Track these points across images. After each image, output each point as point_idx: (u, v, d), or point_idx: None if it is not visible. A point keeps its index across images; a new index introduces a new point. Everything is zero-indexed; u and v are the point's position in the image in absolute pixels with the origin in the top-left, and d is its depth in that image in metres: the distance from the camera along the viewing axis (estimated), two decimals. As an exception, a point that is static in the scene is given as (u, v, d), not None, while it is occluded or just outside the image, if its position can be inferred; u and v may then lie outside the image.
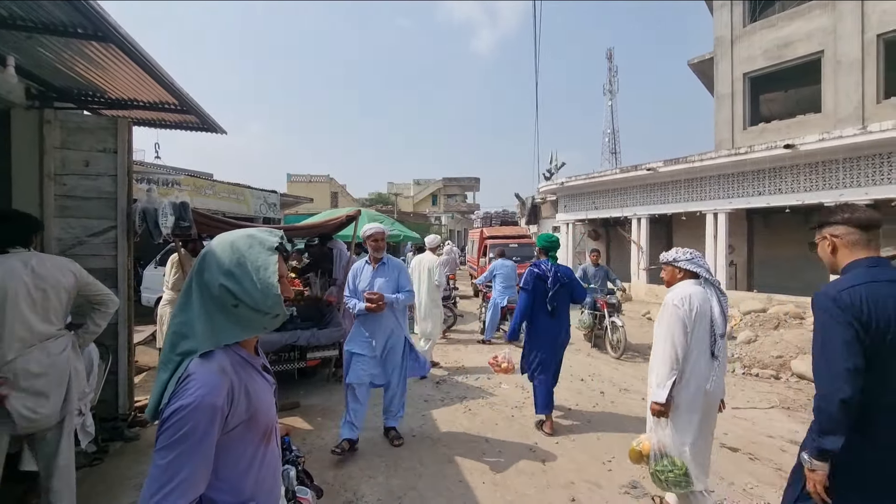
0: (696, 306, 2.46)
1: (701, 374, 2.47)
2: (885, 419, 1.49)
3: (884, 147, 8.15)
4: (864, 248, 1.65)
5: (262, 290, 1.07)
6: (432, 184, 46.54)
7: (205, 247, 1.14)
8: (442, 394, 4.95)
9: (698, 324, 2.46)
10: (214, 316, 1.06)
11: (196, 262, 1.09)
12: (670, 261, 2.67)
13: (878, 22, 10.71)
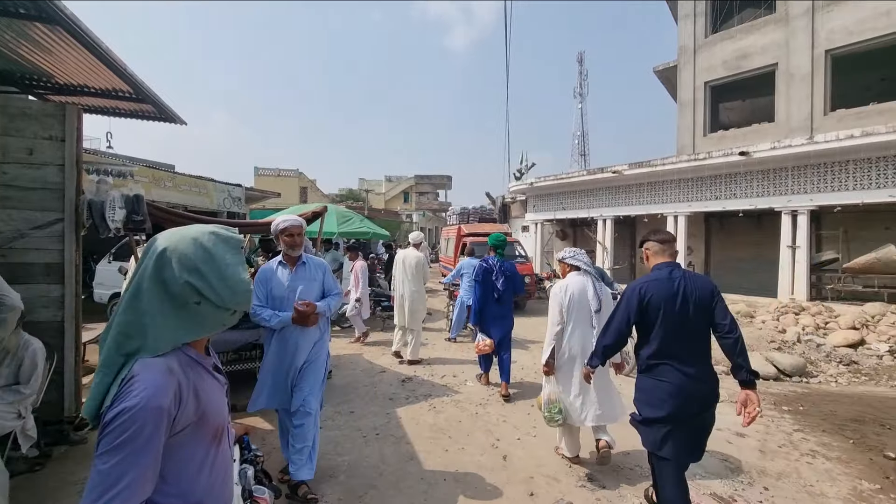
0: (573, 292, 3.32)
1: (580, 344, 3.30)
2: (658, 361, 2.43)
3: (828, 157, 8.67)
4: (661, 257, 2.54)
5: (230, 287, 1.07)
6: (404, 181, 46.29)
7: (148, 242, 1.11)
8: (407, 392, 4.95)
9: (575, 304, 3.30)
10: (171, 314, 1.03)
11: (150, 259, 1.05)
12: (560, 259, 3.55)
13: (826, 39, 11.38)
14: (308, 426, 2.87)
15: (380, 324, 8.49)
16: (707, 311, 2.37)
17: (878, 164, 8.14)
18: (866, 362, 6.06)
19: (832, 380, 5.69)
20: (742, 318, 7.70)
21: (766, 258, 10.06)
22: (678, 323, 2.35)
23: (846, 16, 11.06)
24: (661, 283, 2.41)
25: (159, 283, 1.03)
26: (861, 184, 8.34)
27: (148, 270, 1.04)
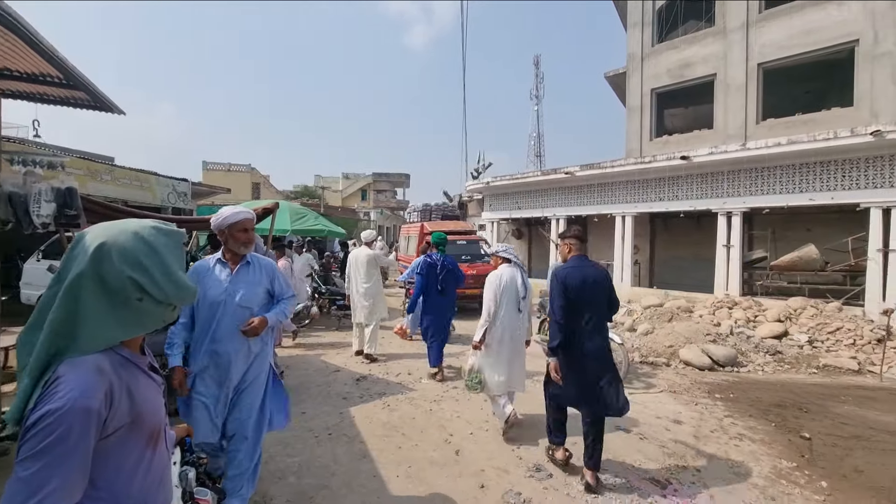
0: (505, 280, 3.85)
1: (507, 324, 3.83)
2: (576, 336, 3.14)
3: (758, 162, 9.36)
4: (577, 250, 3.33)
5: (175, 282, 1.05)
6: (362, 178, 45.69)
7: (77, 237, 1.06)
8: (361, 391, 4.93)
9: (506, 290, 3.83)
10: (108, 312, 1.00)
11: (83, 254, 1.01)
12: (493, 252, 4.17)
13: (758, 53, 12.26)
14: (244, 452, 2.45)
15: (335, 323, 8.37)
16: (605, 291, 3.22)
17: (800, 170, 8.87)
18: (789, 352, 6.62)
19: (759, 369, 6.17)
20: (682, 313, 8.19)
21: (704, 257, 10.73)
22: (586, 300, 3.15)
23: (776, 32, 11.97)
24: (575, 271, 3.19)
25: (96, 280, 0.99)
26: (786, 188, 9.07)
27: (82, 266, 0.99)
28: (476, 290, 8.11)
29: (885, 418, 4.42)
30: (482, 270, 9.15)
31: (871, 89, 10.50)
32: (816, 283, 9.28)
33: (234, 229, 2.47)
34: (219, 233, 2.51)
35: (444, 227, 11.51)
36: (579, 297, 3.11)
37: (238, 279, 2.48)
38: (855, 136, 7.95)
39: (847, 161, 8.31)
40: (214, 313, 2.40)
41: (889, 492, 3.13)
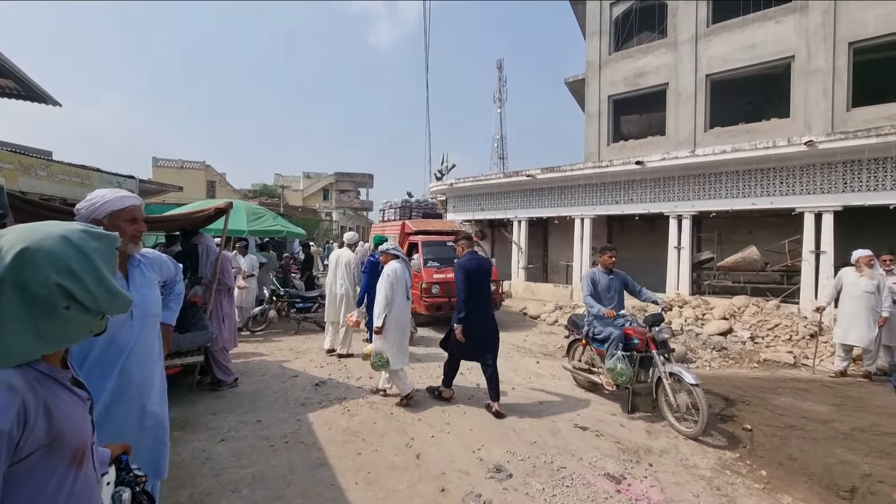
0: (397, 273, 4.59)
1: (398, 310, 4.56)
2: (475, 308, 4.41)
3: (706, 168, 9.88)
4: (469, 248, 4.62)
5: (108, 289, 0.98)
6: (324, 178, 44.81)
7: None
8: (320, 396, 4.81)
9: (397, 282, 4.56)
10: (28, 323, 0.91)
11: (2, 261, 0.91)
12: (383, 250, 4.82)
13: (706, 64, 12.95)
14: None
15: (294, 326, 8.16)
16: (488, 273, 4.57)
17: (743, 177, 9.43)
18: (733, 347, 7.01)
19: (707, 364, 6.50)
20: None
21: (657, 258, 11.21)
22: (480, 284, 4.45)
23: (722, 46, 12.69)
24: (472, 262, 4.50)
25: (16, 288, 0.90)
26: (731, 192, 9.62)
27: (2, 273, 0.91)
28: None
29: (817, 408, 4.75)
30: None
31: (805, 102, 11.31)
32: (758, 282, 9.89)
33: (118, 219, 1.90)
34: (94, 224, 1.82)
35: (428, 226, 10.33)
36: (476, 279, 4.43)
37: (135, 285, 2.00)
38: (791, 146, 8.54)
39: (784, 168, 8.91)
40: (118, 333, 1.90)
41: (820, 477, 3.37)
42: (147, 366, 2.00)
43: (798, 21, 11.45)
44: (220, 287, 5.03)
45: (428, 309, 8.16)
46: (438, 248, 8.98)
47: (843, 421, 4.40)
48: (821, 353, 6.58)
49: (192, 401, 4.53)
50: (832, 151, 8.23)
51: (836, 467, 3.48)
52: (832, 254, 8.29)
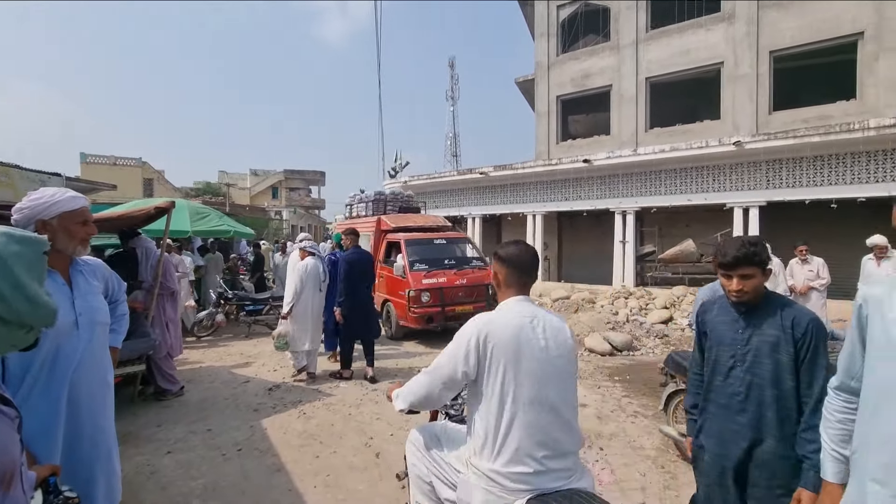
0: (310, 268, 5.12)
1: (309, 300, 5.11)
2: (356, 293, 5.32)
3: (647, 167, 10.45)
4: (354, 243, 5.50)
5: (28, 299, 0.90)
6: (272, 175, 43.18)
7: None
8: (274, 400, 4.67)
9: (310, 276, 5.12)
10: None
11: None
12: (301, 248, 5.27)
13: (646, 68, 13.66)
14: None
15: (245, 330, 7.85)
16: (369, 265, 5.59)
17: (681, 174, 10.07)
18: (673, 334, 7.49)
19: (650, 351, 6.89)
20: (586, 305, 8.89)
21: (604, 252, 11.75)
22: (360, 274, 5.29)
23: (660, 50, 13.43)
24: (355, 255, 5.32)
25: None
26: (670, 189, 10.24)
27: None
28: (469, 307, 6.91)
29: (746, 387, 5.18)
30: (474, 279, 7.28)
31: (733, 105, 12.21)
32: (694, 273, 10.60)
33: (69, 221, 1.78)
34: (40, 225, 1.73)
35: (409, 222, 8.55)
36: (357, 269, 5.25)
37: (79, 292, 1.83)
38: (721, 146, 9.21)
39: (716, 167, 9.59)
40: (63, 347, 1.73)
41: (750, 450, 3.68)
42: (97, 379, 1.85)
43: (726, 30, 12.33)
44: (164, 291, 4.76)
45: (417, 321, 6.84)
46: (426, 247, 7.64)
47: (768, 397, 4.83)
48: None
49: (133, 412, 4.26)
50: (756, 151, 8.96)
51: (763, 440, 3.81)
52: (758, 245, 9.02)
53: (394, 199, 10.08)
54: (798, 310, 1.68)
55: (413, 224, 8.47)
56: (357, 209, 10.32)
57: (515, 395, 1.51)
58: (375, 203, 9.68)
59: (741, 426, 1.69)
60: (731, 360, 1.73)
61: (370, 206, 9.73)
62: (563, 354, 1.61)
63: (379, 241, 8.26)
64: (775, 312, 1.67)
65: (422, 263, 7.25)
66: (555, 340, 1.60)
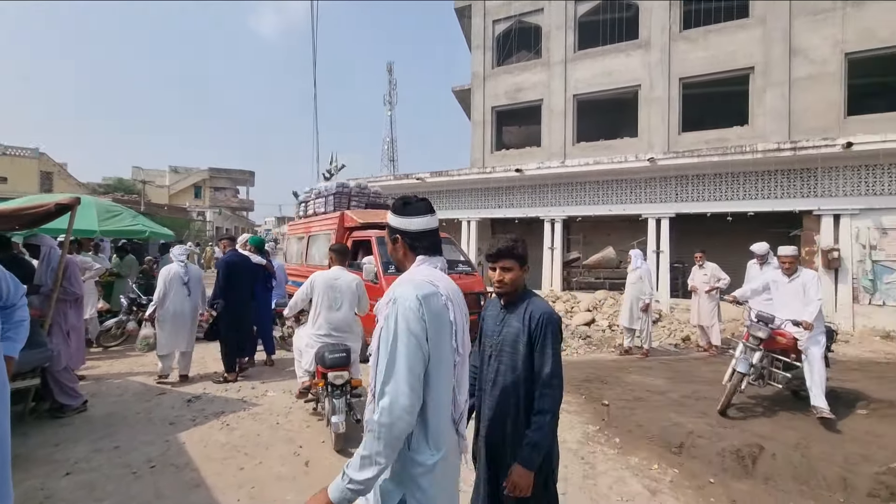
0: (171, 272, 5.24)
1: (175, 304, 5.21)
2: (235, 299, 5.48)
3: (574, 178, 11.13)
4: (230, 247, 5.85)
5: None
6: (195, 173, 40.37)
7: None
8: (194, 412, 4.39)
9: (170, 281, 5.22)
10: None
11: None
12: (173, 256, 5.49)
13: (573, 85, 14.54)
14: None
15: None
16: (250, 268, 5.68)
17: (603, 186, 10.83)
18: (595, 335, 8.01)
19: (574, 351, 7.33)
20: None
21: (534, 257, 12.26)
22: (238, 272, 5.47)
23: (586, 70, 14.37)
24: (233, 258, 5.53)
25: None
26: (594, 200, 10.97)
27: None
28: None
29: (656, 382, 5.68)
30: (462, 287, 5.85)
31: (649, 125, 13.35)
32: (614, 278, 11.41)
33: None
34: None
35: (381, 219, 6.69)
36: (235, 272, 5.39)
37: None
38: (637, 162, 10.04)
39: (633, 180, 10.43)
40: None
41: (659, 438, 4.04)
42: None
43: (643, 56, 13.48)
44: (67, 297, 4.31)
45: None
46: None
47: (675, 391, 5.33)
48: (659, 336, 7.83)
49: (24, 433, 3.79)
50: (667, 168, 9.87)
51: (669, 429, 4.21)
52: (668, 252, 9.93)
53: (360, 194, 8.62)
54: (537, 304, 1.87)
55: (385, 221, 7.41)
56: (315, 205, 8.84)
57: (323, 307, 4.04)
58: (338, 197, 8.29)
59: (492, 410, 1.90)
60: (489, 350, 1.94)
61: (331, 200, 8.32)
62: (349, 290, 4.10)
63: (342, 239, 7.16)
64: (522, 307, 1.87)
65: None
66: (346, 284, 4.11)
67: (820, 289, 4.51)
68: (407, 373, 1.28)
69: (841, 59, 11.17)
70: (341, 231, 7.39)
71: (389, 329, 1.33)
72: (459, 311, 1.47)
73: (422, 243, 1.53)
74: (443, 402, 1.39)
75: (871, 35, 10.94)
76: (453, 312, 1.42)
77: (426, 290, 1.38)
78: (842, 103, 11.14)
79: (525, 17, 15.55)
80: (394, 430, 1.26)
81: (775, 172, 9.16)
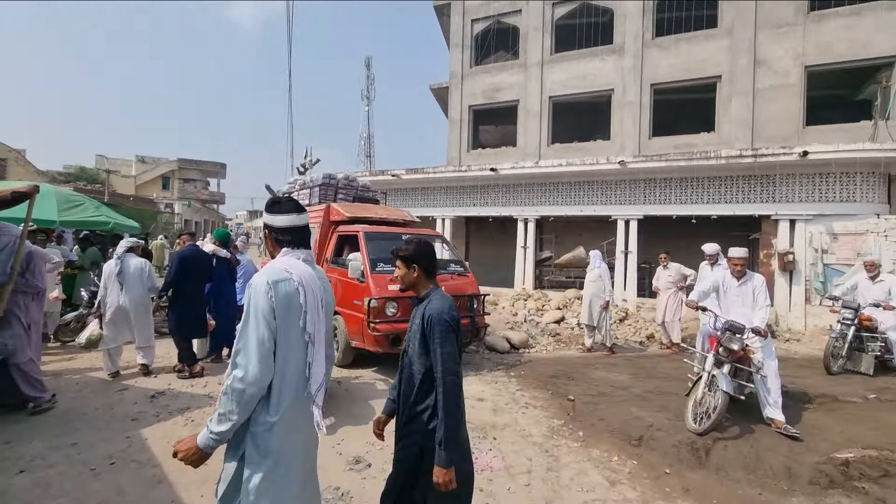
0: (110, 268, 5.17)
1: (116, 298, 5.09)
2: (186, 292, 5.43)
3: (547, 178, 11.32)
4: (190, 241, 5.82)
5: None
6: (164, 164, 38.99)
7: None
8: (158, 408, 4.30)
9: (109, 277, 5.18)
10: None
11: None
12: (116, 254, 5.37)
13: (549, 87, 14.77)
14: None
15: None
16: (205, 262, 5.55)
17: (575, 187, 11.07)
18: (565, 333, 8.21)
19: (544, 348, 7.49)
20: (489, 306, 9.37)
21: (507, 256, 12.46)
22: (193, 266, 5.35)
23: (562, 73, 14.61)
24: (191, 251, 5.44)
25: None
26: (566, 200, 11.19)
27: None
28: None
29: (620, 378, 5.87)
30: (454, 287, 6.03)
31: (621, 128, 13.69)
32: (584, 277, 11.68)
33: None
34: None
35: (370, 213, 7.00)
36: (191, 266, 5.25)
37: None
38: (609, 164, 10.29)
39: (604, 182, 10.69)
40: None
41: (619, 431, 4.20)
42: None
43: (617, 61, 13.81)
44: (29, 289, 4.14)
45: (378, 342, 5.34)
46: (391, 244, 6.00)
47: (637, 386, 5.53)
48: (625, 334, 8.08)
49: (-27, 430, 3.65)
50: (637, 171, 10.16)
51: (630, 422, 4.38)
52: (636, 253, 10.23)
53: (347, 186, 7.96)
54: (432, 304, 1.98)
55: (374, 216, 6.92)
56: (299, 198, 8.05)
57: None
58: (323, 189, 7.72)
59: (400, 396, 2.07)
60: (405, 342, 2.11)
61: (316, 192, 7.74)
62: None
63: (327, 236, 6.68)
64: (423, 305, 2.02)
65: (387, 264, 5.75)
66: None
67: (768, 295, 4.56)
68: (257, 347, 1.53)
69: (801, 72, 11.73)
70: (327, 225, 6.83)
71: (246, 310, 1.58)
72: (313, 296, 1.69)
73: (286, 237, 1.77)
74: (289, 373, 1.63)
75: (829, 49, 11.52)
76: (304, 297, 1.65)
77: (278, 276, 1.62)
78: (801, 114, 11.70)
79: (504, 18, 15.68)
80: (244, 395, 1.53)
81: (737, 178, 9.55)
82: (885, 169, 8.57)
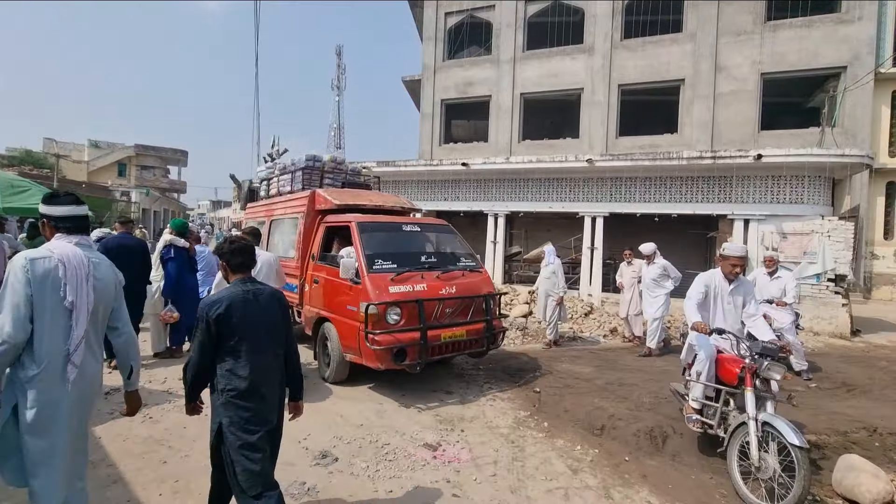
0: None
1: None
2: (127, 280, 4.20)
3: (518, 174, 11.45)
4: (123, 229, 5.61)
5: None
6: (120, 150, 37.02)
7: None
8: (112, 406, 4.11)
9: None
10: None
11: None
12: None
13: (521, 84, 14.92)
14: None
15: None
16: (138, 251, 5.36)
17: (544, 184, 11.24)
18: (532, 327, 8.36)
19: (512, 342, 7.60)
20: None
21: (477, 251, 12.48)
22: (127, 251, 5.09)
23: (534, 70, 14.78)
24: (122, 240, 5.28)
25: None
26: (535, 196, 11.36)
27: None
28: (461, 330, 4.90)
29: (584, 370, 6.05)
30: (467, 287, 5.12)
31: (589, 127, 13.99)
32: (552, 272, 11.93)
33: None
34: None
35: (364, 200, 5.93)
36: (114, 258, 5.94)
37: None
38: (577, 162, 10.51)
39: (572, 179, 10.91)
40: None
41: (583, 422, 4.33)
42: None
43: (587, 61, 14.08)
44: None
45: (380, 357, 4.38)
46: (391, 236, 5.32)
47: (600, 378, 5.70)
48: (590, 328, 8.32)
49: None
50: (603, 169, 10.42)
51: (593, 413, 4.52)
52: (602, 249, 10.52)
53: (335, 170, 6.78)
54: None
55: (368, 203, 5.86)
56: (279, 184, 7.12)
57: None
58: (307, 173, 6.47)
59: None
60: None
61: (298, 177, 6.54)
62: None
63: (312, 228, 5.71)
64: None
65: (386, 261, 4.83)
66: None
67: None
68: (11, 311, 1.81)
69: (758, 79, 12.31)
70: (312, 215, 5.74)
71: (5, 282, 1.86)
72: (73, 272, 1.97)
73: (64, 224, 2.08)
74: (47, 334, 1.89)
75: (783, 58, 12.13)
76: (64, 272, 1.94)
77: (38, 254, 1.92)
78: (757, 118, 12.29)
79: (477, 13, 15.68)
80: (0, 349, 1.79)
81: (697, 179, 9.95)
82: (829, 173, 9.12)
